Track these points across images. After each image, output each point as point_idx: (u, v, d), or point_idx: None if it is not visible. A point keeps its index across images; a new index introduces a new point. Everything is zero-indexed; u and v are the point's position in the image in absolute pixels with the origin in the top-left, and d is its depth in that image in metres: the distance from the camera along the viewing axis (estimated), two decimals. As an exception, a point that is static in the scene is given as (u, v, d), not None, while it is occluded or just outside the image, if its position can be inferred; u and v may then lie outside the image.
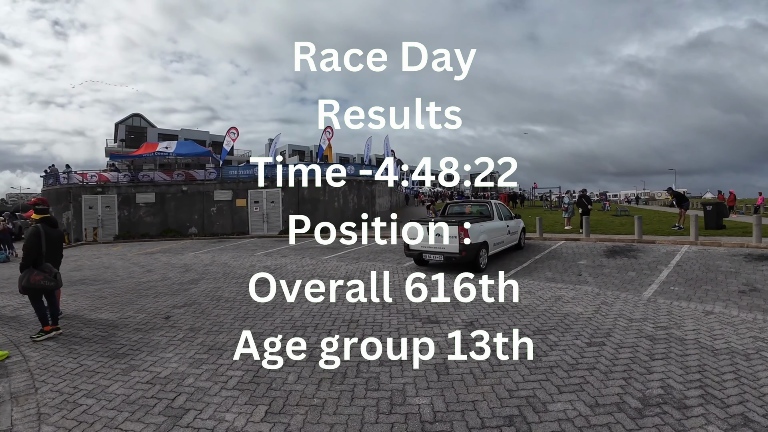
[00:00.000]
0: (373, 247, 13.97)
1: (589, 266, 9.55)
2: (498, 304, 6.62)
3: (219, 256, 13.30)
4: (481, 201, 11.65)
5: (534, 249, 12.14)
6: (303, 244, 15.97)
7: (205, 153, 24.58)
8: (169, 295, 8.03)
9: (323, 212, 21.47)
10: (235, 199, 22.37)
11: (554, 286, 7.87)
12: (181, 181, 23.26)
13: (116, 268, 11.89)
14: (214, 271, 10.42)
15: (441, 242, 8.92)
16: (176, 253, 14.93)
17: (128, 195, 23.54)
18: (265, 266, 11.02)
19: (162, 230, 23.02)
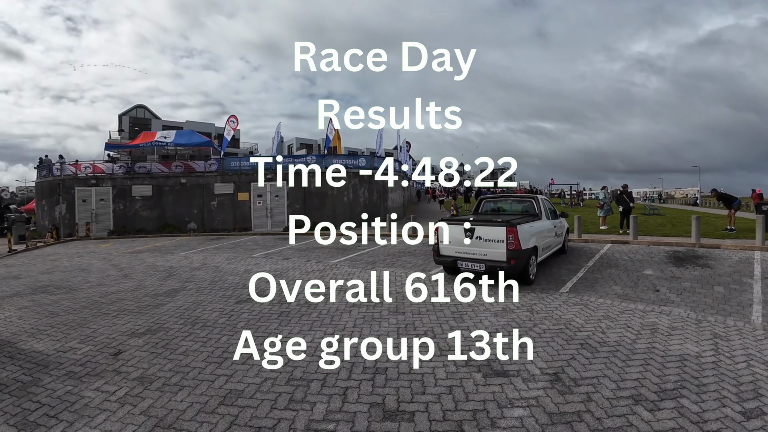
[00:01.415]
0: (389, 248, 12.14)
1: (661, 278, 7.65)
2: (577, 338, 4.75)
3: (212, 258, 11.57)
4: (525, 196, 9.71)
5: (580, 254, 10.22)
6: (308, 244, 14.18)
7: (205, 143, 22.88)
8: (134, 313, 6.28)
9: (331, 208, 19.67)
10: (237, 193, 20.66)
11: (634, 307, 5.99)
12: (179, 173, 21.60)
13: (91, 272, 10.22)
14: (201, 279, 8.67)
15: (483, 247, 7.05)
16: (166, 252, 13.24)
17: (124, 187, 21.97)
18: (262, 274, 9.25)
19: (159, 225, 21.43)
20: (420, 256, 10.59)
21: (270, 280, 8.18)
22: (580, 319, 5.45)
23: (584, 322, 5.37)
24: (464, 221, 7.44)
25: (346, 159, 20.80)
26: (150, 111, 48.04)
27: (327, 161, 20.38)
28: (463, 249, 7.30)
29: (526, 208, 9.07)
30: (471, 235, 7.18)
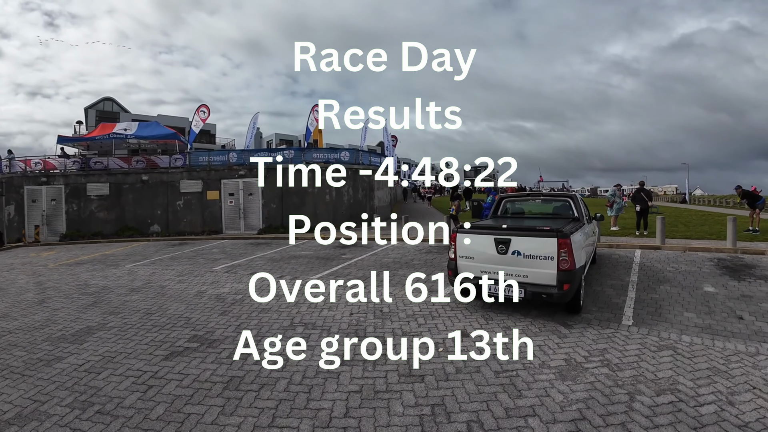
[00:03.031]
0: (380, 256, 10.26)
1: (731, 298, 6.04)
2: (704, 420, 2.96)
3: (161, 273, 9.49)
4: (558, 195, 7.86)
5: (612, 263, 8.53)
6: (284, 252, 12.20)
7: (170, 135, 20.52)
8: (14, 375, 4.25)
9: (312, 207, 17.68)
10: (206, 191, 18.46)
11: (733, 348, 4.38)
12: (140, 169, 19.27)
13: (6, 293, 8.07)
14: (133, 308, 6.62)
15: (522, 266, 5.20)
16: (110, 264, 11.08)
17: (78, 186, 19.54)
18: (215, 298, 7.27)
19: (118, 228, 19.10)
20: (421, 267, 8.72)
21: (226, 314, 6.22)
22: (686, 380, 3.69)
23: (692, 383, 3.64)
24: (494, 229, 5.57)
25: (327, 153, 18.79)
26: (118, 104, 44.90)
27: (307, 155, 18.35)
28: (492, 267, 5.42)
29: (559, 210, 7.27)
30: (505, 248, 5.30)
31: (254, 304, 6.54)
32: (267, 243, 14.22)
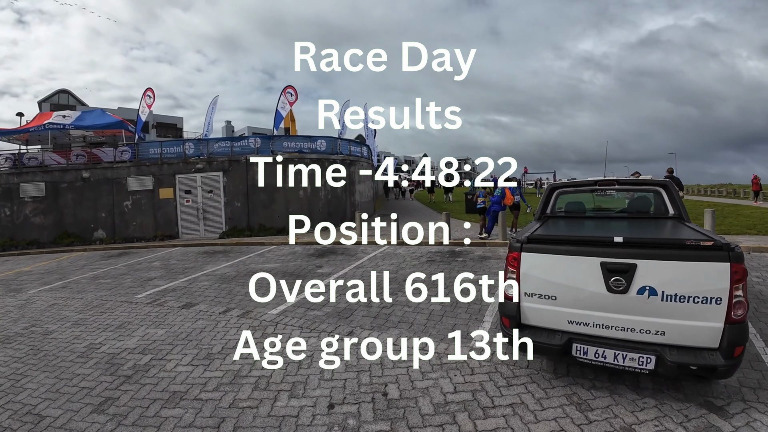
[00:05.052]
0: (368, 273, 7.95)
1: None
2: None
3: (64, 304, 6.99)
4: (644, 183, 5.15)
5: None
6: (240, 265, 9.78)
7: (116, 124, 17.65)
8: None
9: (283, 205, 15.22)
10: (158, 189, 15.77)
11: None
12: (81, 165, 16.44)
13: None
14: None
15: (655, 315, 2.90)
16: (12, 289, 8.51)
17: (10, 186, 16.63)
18: (107, 362, 4.87)
19: (57, 235, 16.32)
20: (432, 289, 6.41)
21: (107, 405, 3.83)
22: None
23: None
24: (597, 244, 3.16)
25: (301, 142, 16.27)
26: (74, 96, 41.18)
27: (276, 145, 15.81)
28: (595, 316, 3.09)
29: (644, 205, 4.88)
30: (624, 282, 2.96)
31: (165, 376, 4.14)
32: (225, 251, 11.75)
